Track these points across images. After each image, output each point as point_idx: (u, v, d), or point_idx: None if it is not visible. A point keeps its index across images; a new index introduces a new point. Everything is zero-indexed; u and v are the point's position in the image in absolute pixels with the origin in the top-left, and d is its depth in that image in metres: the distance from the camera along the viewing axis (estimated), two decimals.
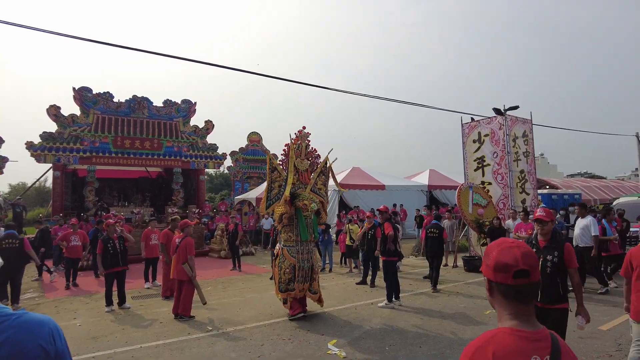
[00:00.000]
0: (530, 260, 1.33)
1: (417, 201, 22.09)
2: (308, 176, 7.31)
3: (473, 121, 12.21)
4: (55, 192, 16.97)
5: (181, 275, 7.22)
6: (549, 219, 4.08)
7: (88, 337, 6.24)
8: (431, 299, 8.20)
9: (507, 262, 1.33)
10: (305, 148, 7.35)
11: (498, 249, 1.39)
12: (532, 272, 1.33)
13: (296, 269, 6.83)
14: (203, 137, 20.30)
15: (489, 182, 11.63)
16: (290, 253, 6.96)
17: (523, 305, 1.35)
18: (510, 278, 1.32)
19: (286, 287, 6.85)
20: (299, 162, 7.22)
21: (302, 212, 6.95)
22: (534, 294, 1.37)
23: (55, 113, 16.73)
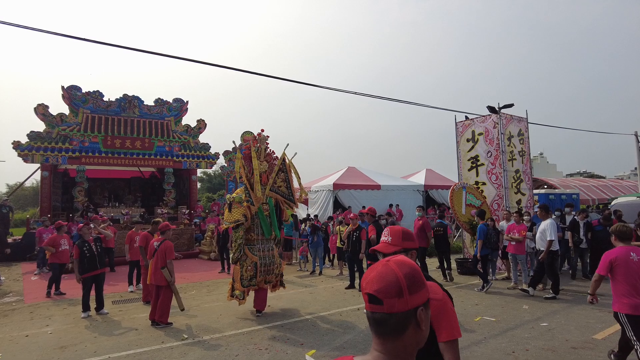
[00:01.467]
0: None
1: (413, 201, 21.77)
2: (267, 177, 7.60)
3: (467, 120, 11.89)
4: (43, 193, 16.66)
5: (159, 280, 6.93)
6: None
7: (56, 346, 5.94)
8: None
9: (362, 285, 1.17)
10: (264, 150, 7.64)
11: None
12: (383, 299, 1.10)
13: (258, 266, 7.20)
14: (195, 136, 19.96)
15: (483, 182, 11.32)
16: (252, 251, 7.30)
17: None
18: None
19: (248, 282, 7.21)
20: (259, 164, 7.50)
21: (263, 211, 7.34)
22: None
23: (44, 112, 16.41)
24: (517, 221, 9.05)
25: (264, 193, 7.47)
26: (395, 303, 1.07)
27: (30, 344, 6.10)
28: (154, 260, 7.02)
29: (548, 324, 6.34)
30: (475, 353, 5.29)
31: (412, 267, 1.14)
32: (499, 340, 5.70)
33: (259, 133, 7.79)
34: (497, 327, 6.27)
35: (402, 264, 1.13)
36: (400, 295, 1.07)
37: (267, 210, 7.51)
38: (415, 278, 1.12)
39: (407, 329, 1.08)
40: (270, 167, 7.70)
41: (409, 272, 1.11)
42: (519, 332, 6.05)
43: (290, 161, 7.94)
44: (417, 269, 1.15)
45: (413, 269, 1.14)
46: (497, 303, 7.72)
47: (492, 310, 7.22)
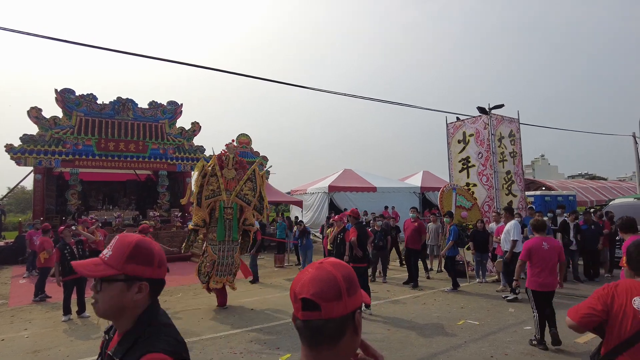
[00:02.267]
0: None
1: (410, 203, 21.61)
2: (233, 185, 8.24)
3: (458, 121, 11.80)
4: (36, 196, 16.62)
5: None
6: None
7: (30, 350, 5.85)
8: (405, 307, 7.78)
9: (294, 290, 1.05)
10: (232, 159, 8.35)
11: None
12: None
13: (215, 264, 7.86)
14: (190, 139, 19.93)
15: (474, 184, 11.21)
16: (212, 250, 7.95)
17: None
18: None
19: (204, 278, 7.86)
20: (227, 171, 8.20)
21: (224, 216, 7.99)
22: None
23: (37, 115, 16.40)
24: (506, 222, 8.92)
25: (230, 198, 8.08)
26: (334, 307, 0.99)
27: (4, 348, 6.02)
28: None
29: (531, 328, 6.20)
30: (452, 358, 5.17)
31: (349, 268, 1.08)
32: (479, 345, 5.57)
33: (228, 144, 8.51)
34: (480, 331, 6.15)
35: (338, 264, 1.07)
36: (340, 298, 1.00)
37: (230, 214, 8.05)
38: (353, 279, 1.06)
39: (345, 335, 1.02)
40: (238, 174, 8.34)
41: (347, 274, 1.05)
42: (500, 336, 5.93)
43: (262, 174, 8.77)
44: (352, 270, 1.09)
45: (350, 269, 1.08)
46: (483, 306, 7.59)
47: (476, 314, 7.10)
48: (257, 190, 8.43)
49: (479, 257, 9.73)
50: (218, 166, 8.12)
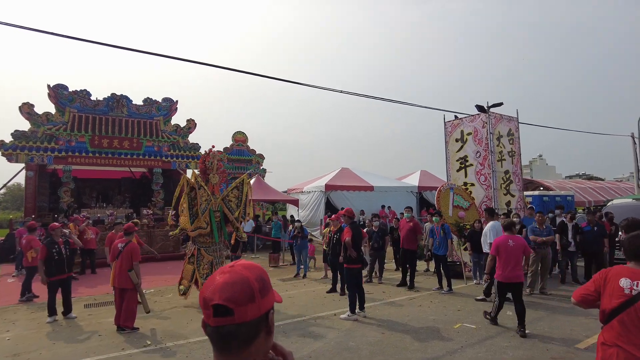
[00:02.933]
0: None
1: (407, 203, 21.43)
2: (217, 189, 8.68)
3: (456, 119, 11.60)
4: (27, 193, 16.37)
5: (124, 283, 6.68)
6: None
7: (9, 353, 5.64)
8: (400, 309, 7.58)
9: (205, 296, 1.01)
10: (215, 165, 8.63)
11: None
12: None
13: (213, 265, 8.17)
14: (185, 136, 19.68)
15: (471, 183, 11.02)
16: (207, 252, 8.27)
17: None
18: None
19: (204, 280, 7.62)
20: (212, 176, 8.56)
21: (215, 220, 8.32)
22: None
23: (29, 111, 16.14)
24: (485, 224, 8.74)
25: (217, 202, 8.44)
26: (248, 310, 0.97)
27: None
28: (118, 262, 6.76)
29: (530, 332, 6.02)
30: None
31: (261, 269, 1.07)
32: (476, 350, 5.38)
33: (210, 149, 8.83)
34: (477, 335, 5.96)
35: (250, 266, 1.05)
36: (253, 300, 0.99)
37: (218, 217, 8.43)
38: (265, 280, 1.05)
39: (258, 337, 1.01)
40: (221, 180, 8.84)
41: (259, 275, 1.04)
42: (498, 340, 5.73)
43: (250, 186, 9.09)
44: (264, 270, 1.08)
45: (261, 270, 1.07)
46: (481, 309, 7.38)
47: (473, 317, 6.90)
48: (243, 200, 8.72)
49: (476, 258, 9.54)
50: (200, 174, 8.64)
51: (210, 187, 8.51)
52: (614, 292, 2.69)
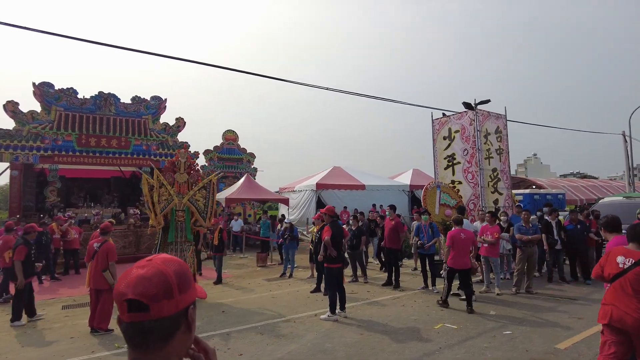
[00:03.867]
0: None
1: (399, 201, 21.37)
2: (186, 188, 8.67)
3: (444, 117, 11.48)
4: (12, 193, 16.13)
5: (99, 284, 6.55)
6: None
7: None
8: (383, 309, 7.45)
9: (119, 290, 0.96)
10: (184, 164, 8.75)
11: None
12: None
13: None
14: (174, 135, 19.46)
15: (459, 181, 10.90)
16: (170, 252, 8.24)
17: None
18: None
19: None
20: (179, 175, 8.60)
21: (176, 219, 8.47)
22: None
23: (13, 109, 15.88)
24: (490, 222, 8.62)
25: (182, 202, 8.53)
26: (164, 306, 0.94)
27: None
28: (93, 262, 6.61)
29: (511, 332, 5.91)
30: None
31: (181, 263, 1.02)
32: (455, 351, 5.25)
33: (179, 149, 9.13)
34: (457, 336, 5.83)
35: (169, 260, 1.01)
36: (171, 295, 0.95)
37: (182, 217, 8.53)
38: (186, 275, 1.01)
39: (176, 334, 0.97)
40: (191, 177, 8.81)
41: (179, 269, 1.00)
42: (478, 341, 5.61)
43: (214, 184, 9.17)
44: (185, 265, 1.04)
45: (182, 264, 1.02)
46: (464, 308, 7.28)
47: (456, 317, 6.78)
48: (210, 200, 8.93)
49: None
50: (167, 172, 8.66)
51: (177, 186, 8.58)
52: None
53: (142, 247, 14.56)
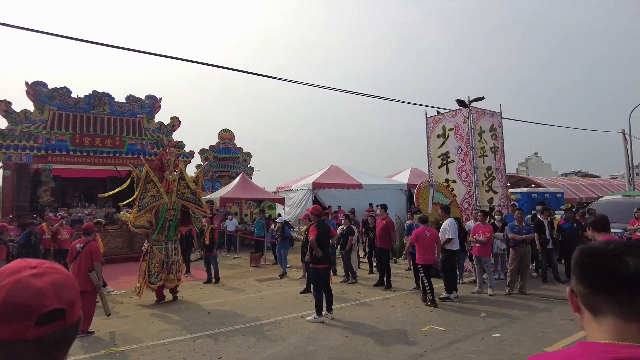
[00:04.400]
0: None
1: (396, 201, 21.22)
2: (174, 187, 8.59)
3: (438, 114, 11.31)
4: (5, 192, 16.02)
5: (83, 286, 6.27)
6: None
7: None
8: (371, 310, 7.29)
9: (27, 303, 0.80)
10: (173, 162, 8.67)
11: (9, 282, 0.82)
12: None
13: (164, 263, 8.20)
14: (169, 134, 19.35)
15: (453, 180, 10.73)
16: (159, 250, 8.27)
17: None
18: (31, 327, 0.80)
19: (155, 279, 8.07)
20: (168, 174, 8.53)
21: (166, 217, 8.37)
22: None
23: (6, 109, 15.79)
24: (482, 221, 8.45)
25: (172, 200, 8.45)
26: (75, 310, 0.88)
27: None
28: (76, 263, 6.48)
29: (500, 335, 5.74)
30: None
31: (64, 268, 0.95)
32: (440, 355, 5.09)
33: (168, 147, 9.19)
34: (444, 339, 5.67)
35: (56, 265, 0.90)
36: (77, 299, 0.89)
37: (172, 215, 8.43)
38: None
39: (74, 339, 0.90)
40: (177, 175, 8.77)
41: (70, 274, 0.92)
42: (465, 344, 5.45)
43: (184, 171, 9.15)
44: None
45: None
46: (454, 309, 7.12)
47: (445, 319, 6.62)
48: (189, 186, 8.87)
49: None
50: (155, 171, 8.50)
51: (164, 184, 8.46)
52: None
53: (136, 247, 14.44)
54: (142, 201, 8.28)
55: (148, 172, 8.38)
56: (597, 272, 0.88)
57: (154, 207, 8.38)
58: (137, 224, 8.32)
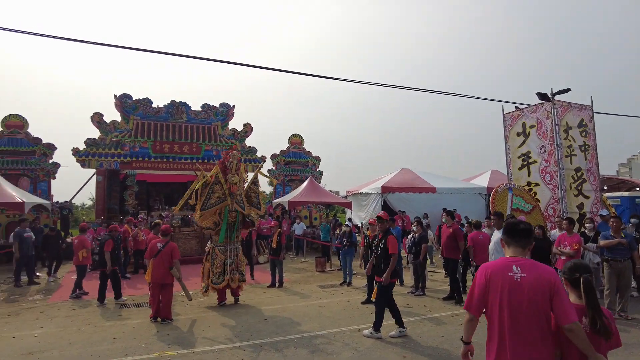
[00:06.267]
0: None
1: (473, 205, 19.85)
2: (236, 189, 8.64)
3: (517, 110, 10.20)
4: (98, 196, 17.65)
5: (165, 279, 7.27)
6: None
7: (26, 351, 5.76)
8: (437, 327, 6.64)
9: None
10: (235, 165, 8.67)
11: None
12: None
13: (225, 265, 8.34)
14: (242, 140, 20.00)
15: (535, 183, 9.58)
16: (220, 252, 8.43)
17: None
18: None
19: (217, 279, 8.23)
20: (231, 176, 8.56)
21: (229, 219, 8.43)
22: None
23: (99, 120, 17.39)
24: (568, 230, 7.35)
25: (233, 202, 8.52)
26: None
27: (7, 346, 6.00)
28: (156, 260, 7.28)
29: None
30: None
31: None
32: None
33: (230, 150, 9.00)
34: None
35: None
36: None
37: (234, 217, 8.53)
38: None
39: None
40: (241, 178, 8.82)
41: None
42: None
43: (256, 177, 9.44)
44: None
45: None
46: None
47: None
48: (257, 190, 9.28)
49: None
50: (222, 173, 8.57)
51: (228, 186, 8.53)
52: None
53: None
54: (208, 202, 8.44)
55: (217, 174, 8.54)
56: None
57: (218, 209, 8.53)
58: (203, 224, 8.67)
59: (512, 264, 2.55)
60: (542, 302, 2.40)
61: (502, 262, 2.61)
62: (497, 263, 2.65)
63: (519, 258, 2.59)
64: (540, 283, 2.42)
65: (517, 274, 2.50)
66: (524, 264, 2.53)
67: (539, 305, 2.40)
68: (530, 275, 2.47)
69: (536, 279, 2.44)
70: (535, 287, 2.42)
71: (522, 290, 2.44)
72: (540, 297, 2.40)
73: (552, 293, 2.39)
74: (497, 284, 2.53)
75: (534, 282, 2.43)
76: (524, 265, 2.52)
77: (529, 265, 2.51)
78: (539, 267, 2.51)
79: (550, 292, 2.39)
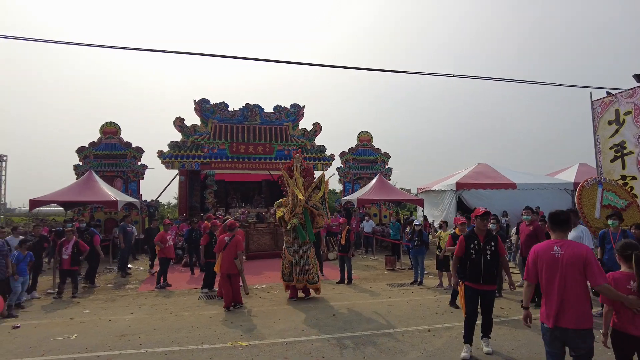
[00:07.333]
0: None
1: (558, 202, 18.22)
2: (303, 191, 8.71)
3: (608, 96, 9.19)
4: (180, 195, 19.04)
5: (231, 270, 7.81)
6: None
7: (119, 333, 6.38)
8: (514, 331, 6.21)
9: None
10: (299, 168, 8.86)
11: None
12: None
13: (293, 265, 8.51)
14: (311, 139, 20.37)
15: (632, 177, 8.56)
16: (289, 252, 8.61)
17: None
18: None
19: (288, 277, 8.56)
20: (295, 179, 8.72)
21: (298, 221, 8.46)
22: None
23: (180, 124, 18.77)
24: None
25: (301, 205, 8.52)
26: None
27: (104, 328, 6.70)
28: (225, 252, 7.89)
29: None
30: None
31: None
32: None
33: (294, 153, 9.23)
34: None
35: None
36: None
37: (302, 219, 8.52)
38: None
39: None
40: (306, 181, 8.88)
41: None
42: None
43: (326, 182, 9.17)
44: None
45: None
46: None
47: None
48: (325, 197, 9.08)
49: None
50: (287, 176, 8.85)
51: (291, 190, 8.76)
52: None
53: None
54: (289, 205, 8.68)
55: (293, 176, 8.84)
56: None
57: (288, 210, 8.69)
58: (292, 222, 8.46)
59: (553, 245, 3.49)
60: (578, 271, 3.29)
61: (546, 244, 3.55)
62: (543, 245, 3.58)
63: (560, 240, 3.52)
64: (575, 257, 3.30)
65: (557, 252, 3.42)
66: (563, 244, 3.45)
67: (575, 274, 3.30)
68: (567, 252, 3.37)
69: (572, 255, 3.32)
70: (571, 260, 3.31)
71: (562, 263, 3.35)
72: (576, 267, 3.29)
73: (585, 264, 3.26)
74: (543, 260, 3.47)
75: (570, 256, 3.33)
76: (562, 245, 3.45)
77: (567, 244, 3.44)
78: (575, 245, 3.42)
79: (584, 263, 3.26)
